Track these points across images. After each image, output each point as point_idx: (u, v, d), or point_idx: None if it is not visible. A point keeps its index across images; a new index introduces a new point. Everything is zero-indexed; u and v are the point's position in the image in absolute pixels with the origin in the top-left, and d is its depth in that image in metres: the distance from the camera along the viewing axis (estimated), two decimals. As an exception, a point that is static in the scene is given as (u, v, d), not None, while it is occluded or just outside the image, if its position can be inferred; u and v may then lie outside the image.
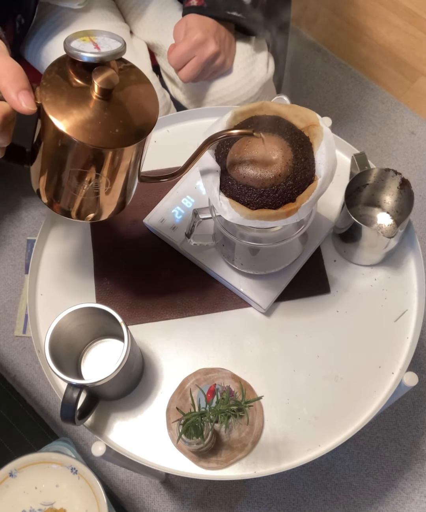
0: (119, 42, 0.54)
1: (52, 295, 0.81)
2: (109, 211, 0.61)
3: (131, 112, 0.54)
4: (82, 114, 0.51)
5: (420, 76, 1.60)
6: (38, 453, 0.85)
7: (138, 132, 0.53)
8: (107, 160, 0.53)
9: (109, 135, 0.51)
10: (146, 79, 0.57)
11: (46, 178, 0.57)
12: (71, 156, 0.53)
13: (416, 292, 0.79)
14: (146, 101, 0.56)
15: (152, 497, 1.21)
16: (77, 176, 0.55)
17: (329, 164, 0.59)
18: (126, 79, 0.55)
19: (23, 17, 0.88)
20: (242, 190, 0.58)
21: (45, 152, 0.54)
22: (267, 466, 0.72)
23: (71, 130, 0.50)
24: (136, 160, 0.56)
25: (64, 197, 0.58)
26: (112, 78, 0.51)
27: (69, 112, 0.50)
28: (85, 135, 0.50)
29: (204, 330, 0.78)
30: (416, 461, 1.22)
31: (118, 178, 0.56)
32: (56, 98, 0.51)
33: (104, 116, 0.52)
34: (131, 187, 0.60)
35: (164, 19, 0.99)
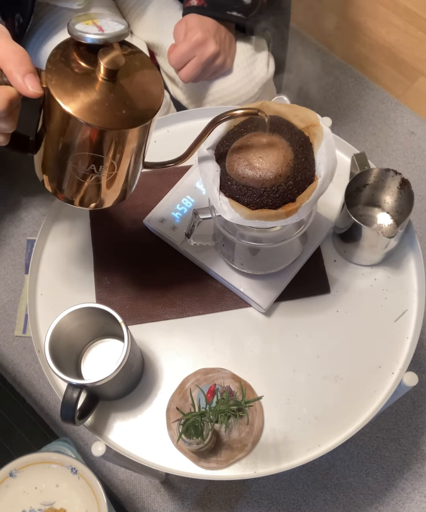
0: (123, 24, 0.53)
1: (52, 295, 0.81)
2: (113, 198, 0.60)
3: (137, 94, 0.54)
4: (89, 96, 0.51)
5: (420, 76, 1.60)
6: (38, 453, 0.85)
7: (144, 114, 0.53)
8: (113, 142, 0.53)
9: (116, 117, 0.51)
10: (150, 63, 0.57)
11: (51, 165, 0.57)
12: (78, 139, 0.52)
13: (416, 292, 0.79)
14: (151, 84, 0.55)
15: (152, 497, 1.21)
16: (84, 160, 0.54)
17: (329, 164, 0.59)
18: (131, 62, 0.55)
19: (22, 16, 0.88)
20: (241, 190, 0.58)
21: (51, 137, 0.54)
22: (267, 466, 0.72)
23: (78, 112, 0.50)
24: (141, 143, 0.56)
25: (69, 183, 0.57)
26: (117, 59, 0.51)
27: (76, 95, 0.50)
28: (92, 117, 0.50)
29: (204, 330, 0.78)
30: (416, 461, 1.22)
31: (124, 162, 0.56)
32: (62, 81, 0.51)
33: (110, 97, 0.51)
34: (136, 172, 0.60)
35: (164, 19, 0.99)
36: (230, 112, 0.57)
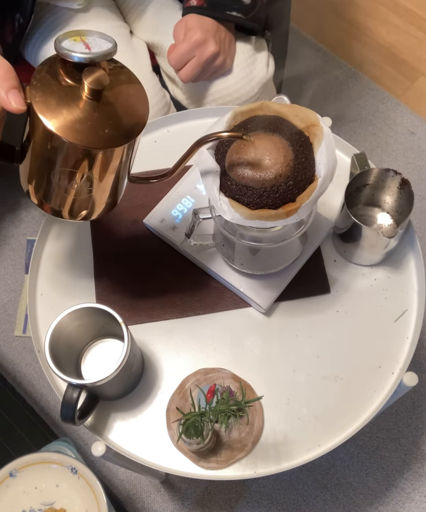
0: (110, 42, 0.53)
1: (52, 295, 0.81)
2: (99, 211, 0.61)
3: (121, 113, 0.54)
4: (72, 114, 0.51)
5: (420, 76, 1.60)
6: (38, 453, 0.85)
7: (128, 132, 0.53)
8: (96, 160, 0.53)
9: (98, 136, 0.51)
10: (136, 79, 0.57)
11: (35, 178, 0.57)
12: (61, 156, 0.53)
13: (416, 292, 0.79)
14: (136, 101, 0.56)
15: (152, 497, 1.21)
16: (67, 176, 0.54)
17: (329, 164, 0.59)
18: (117, 79, 0.55)
19: (22, 16, 0.88)
20: (241, 190, 0.58)
21: (34, 151, 0.54)
22: (267, 466, 0.72)
23: (60, 130, 0.50)
24: (126, 160, 0.56)
25: (54, 196, 0.58)
26: (102, 79, 0.51)
27: (59, 112, 0.50)
28: (74, 135, 0.50)
29: (205, 330, 0.78)
30: (416, 461, 1.22)
31: (107, 178, 0.56)
32: (46, 98, 0.51)
33: (94, 116, 0.52)
34: (121, 187, 0.60)
35: (164, 19, 0.99)
36: (216, 134, 0.56)
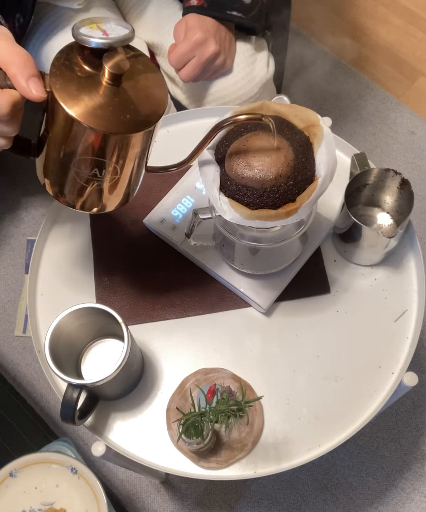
0: (127, 29, 0.53)
1: (52, 295, 0.81)
2: (115, 202, 0.60)
3: (141, 99, 0.53)
4: (93, 100, 0.51)
5: (420, 76, 1.60)
6: (38, 453, 0.84)
7: (148, 118, 0.53)
8: (117, 146, 0.53)
9: (120, 121, 0.51)
10: (154, 67, 0.57)
11: (53, 169, 0.57)
12: (82, 144, 0.52)
13: (416, 292, 0.79)
14: (155, 88, 0.55)
15: (152, 497, 1.21)
16: (86, 164, 0.54)
17: (329, 164, 0.58)
18: (135, 65, 0.55)
19: (22, 16, 0.88)
20: (241, 190, 0.58)
21: (54, 141, 0.54)
22: (267, 466, 0.72)
23: (82, 116, 0.50)
24: (145, 148, 0.56)
25: (71, 187, 0.57)
26: (122, 63, 0.51)
27: (80, 98, 0.50)
28: (96, 121, 0.50)
29: (205, 330, 0.78)
30: (416, 461, 1.22)
31: (127, 166, 0.56)
32: (66, 85, 0.51)
33: (114, 102, 0.51)
34: (139, 177, 0.60)
35: (164, 19, 0.99)
36: (233, 117, 0.56)
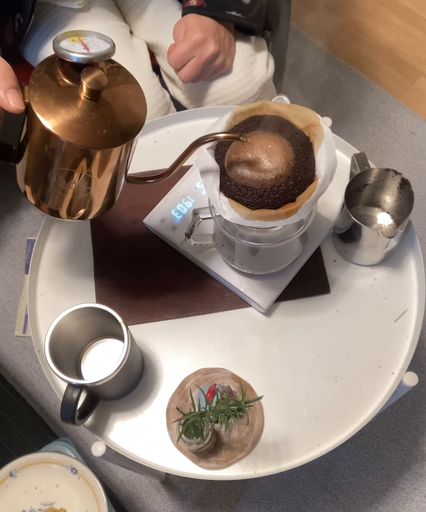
0: (109, 43, 0.54)
1: (52, 295, 0.81)
2: (96, 210, 0.61)
3: (119, 113, 0.54)
4: (70, 113, 0.51)
5: (420, 76, 1.60)
6: (38, 453, 0.85)
7: (126, 133, 0.54)
8: (94, 160, 0.53)
9: (97, 136, 0.52)
10: (134, 80, 0.57)
11: (33, 178, 0.57)
12: (59, 156, 0.53)
13: (416, 292, 0.79)
14: (134, 102, 0.56)
15: (152, 497, 1.21)
16: (64, 175, 0.55)
17: (329, 164, 0.58)
18: (115, 80, 0.55)
19: (22, 16, 0.88)
20: (241, 190, 0.58)
21: (32, 151, 0.54)
22: (267, 466, 0.72)
23: (58, 130, 0.50)
24: (123, 160, 0.56)
25: (51, 196, 0.58)
26: (100, 79, 0.51)
27: (57, 112, 0.51)
28: (73, 134, 0.51)
29: (205, 330, 0.78)
30: (416, 461, 1.22)
31: (105, 178, 0.57)
32: (44, 97, 0.51)
33: (92, 116, 0.52)
34: (118, 187, 0.61)
35: (164, 19, 0.99)
36: (213, 135, 0.56)
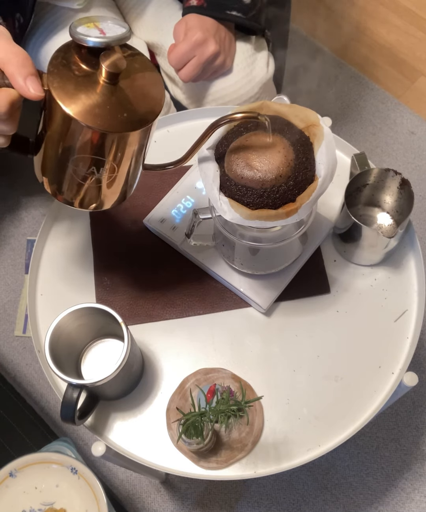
0: (124, 28, 0.54)
1: (52, 295, 0.81)
2: (113, 200, 0.61)
3: (138, 97, 0.54)
4: (90, 98, 0.51)
5: (420, 76, 1.60)
6: (38, 453, 0.85)
7: (145, 117, 0.54)
8: (114, 145, 0.53)
9: (117, 120, 0.51)
10: (151, 65, 0.57)
11: (51, 167, 0.57)
12: (79, 142, 0.52)
13: (416, 292, 0.79)
14: (152, 87, 0.56)
15: (152, 497, 1.21)
16: (84, 162, 0.54)
17: (329, 164, 0.58)
18: (132, 64, 0.55)
19: (22, 15, 0.88)
20: (241, 190, 0.58)
21: (51, 139, 0.54)
22: (267, 466, 0.72)
23: (79, 115, 0.50)
24: (142, 146, 0.56)
25: (69, 185, 0.57)
26: (119, 62, 0.51)
27: (77, 97, 0.51)
28: (93, 119, 0.50)
29: (205, 330, 0.78)
30: (416, 461, 1.22)
31: (124, 164, 0.56)
32: (64, 84, 0.51)
33: (111, 100, 0.52)
34: (136, 175, 0.60)
35: (164, 19, 0.99)
36: (230, 116, 0.57)
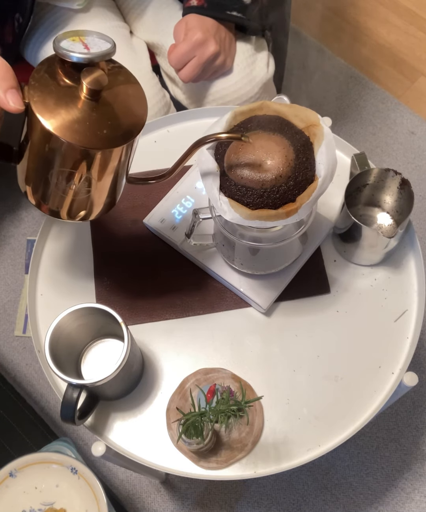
0: (109, 43, 0.53)
1: (52, 295, 0.81)
2: (97, 211, 0.61)
3: (119, 113, 0.54)
4: (70, 114, 0.51)
5: (420, 76, 1.60)
6: (38, 453, 0.85)
7: (126, 133, 0.53)
8: (95, 161, 0.53)
9: (97, 136, 0.51)
10: (135, 79, 0.57)
11: (33, 178, 0.57)
12: (59, 156, 0.52)
13: (416, 292, 0.79)
14: (135, 102, 0.56)
15: (152, 497, 1.21)
16: (65, 176, 0.54)
17: (329, 164, 0.58)
18: (115, 79, 0.55)
19: (21, 15, 0.88)
20: (241, 190, 0.58)
21: (32, 151, 0.54)
22: (267, 466, 0.72)
23: (58, 130, 0.50)
24: (124, 161, 0.56)
25: (52, 197, 0.58)
26: (101, 79, 0.51)
27: (57, 112, 0.50)
28: (73, 135, 0.50)
29: (204, 330, 0.78)
30: (416, 461, 1.22)
31: (106, 179, 0.56)
32: (44, 98, 0.51)
33: (92, 116, 0.52)
34: (119, 188, 0.60)
35: (164, 19, 0.99)
36: (214, 135, 0.56)
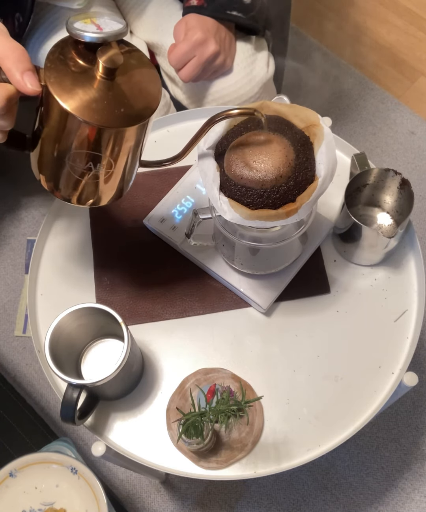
0: (121, 23, 0.54)
1: (52, 295, 0.81)
2: (110, 196, 0.61)
3: (135, 93, 0.54)
4: (87, 94, 0.51)
5: (420, 76, 1.60)
6: (38, 453, 0.85)
7: (142, 112, 0.54)
8: (112, 140, 0.53)
9: (114, 115, 0.52)
10: (148, 62, 0.57)
11: (48, 163, 0.57)
12: (76, 137, 0.52)
13: (416, 292, 0.79)
14: (149, 82, 0.56)
15: (152, 497, 1.21)
16: (81, 158, 0.54)
17: (329, 164, 0.58)
18: (129, 60, 0.55)
19: (21, 15, 0.88)
20: (241, 190, 0.58)
21: (48, 135, 0.54)
22: (267, 466, 0.72)
23: (77, 110, 0.50)
24: (139, 141, 0.56)
25: (66, 181, 0.58)
26: (116, 58, 0.51)
27: (75, 92, 0.51)
28: (91, 114, 0.50)
29: (205, 330, 0.78)
30: (416, 461, 1.22)
31: (121, 160, 0.56)
32: (61, 79, 0.51)
33: (109, 95, 0.52)
34: (133, 170, 0.60)
35: (164, 19, 0.99)
36: (226, 112, 0.57)
